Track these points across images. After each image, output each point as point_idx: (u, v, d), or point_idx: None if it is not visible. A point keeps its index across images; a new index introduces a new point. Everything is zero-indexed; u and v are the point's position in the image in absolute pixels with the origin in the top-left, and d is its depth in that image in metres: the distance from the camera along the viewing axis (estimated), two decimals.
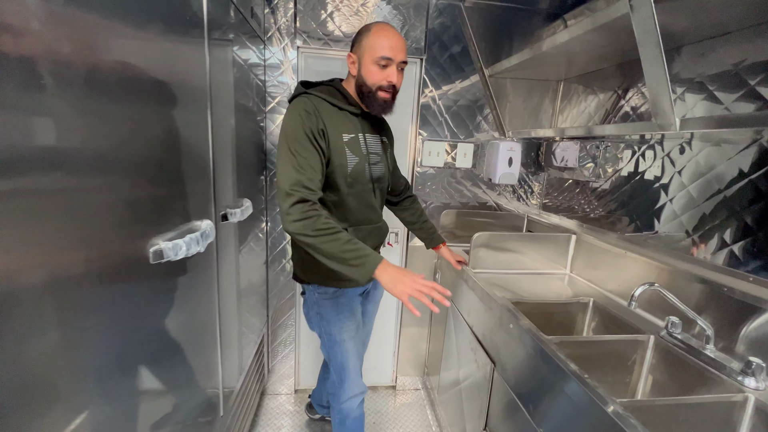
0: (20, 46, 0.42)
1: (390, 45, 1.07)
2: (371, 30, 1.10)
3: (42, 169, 0.46)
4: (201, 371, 1.02)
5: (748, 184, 0.96)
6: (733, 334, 0.93)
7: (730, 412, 0.80)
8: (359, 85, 1.13)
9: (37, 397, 0.47)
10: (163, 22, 0.75)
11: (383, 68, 1.08)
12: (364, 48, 1.10)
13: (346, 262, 0.98)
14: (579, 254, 1.56)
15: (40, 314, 0.47)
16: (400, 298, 0.95)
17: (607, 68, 1.51)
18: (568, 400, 0.83)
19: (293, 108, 1.08)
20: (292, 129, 1.04)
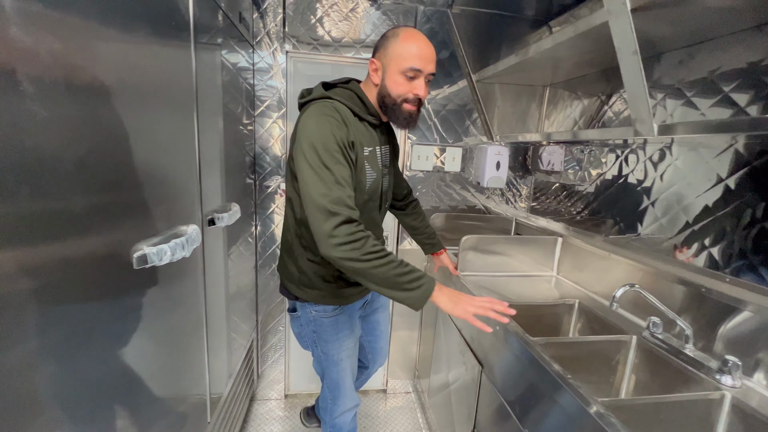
0: (2, 50, 0.42)
1: (420, 54, 0.96)
2: (399, 36, 0.98)
3: (25, 174, 0.46)
4: (187, 377, 1.02)
5: (724, 188, 0.99)
6: (711, 333, 0.96)
7: (708, 410, 0.82)
8: (382, 95, 1.02)
9: (15, 407, 0.46)
10: (149, 25, 0.75)
11: (410, 80, 0.98)
12: (390, 55, 0.98)
13: (400, 287, 0.90)
14: (565, 257, 1.59)
15: (19, 321, 0.46)
16: (464, 317, 0.91)
17: (591, 74, 1.54)
18: (552, 402, 0.84)
19: (318, 113, 0.96)
20: (323, 138, 0.92)
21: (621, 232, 1.34)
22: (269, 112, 1.74)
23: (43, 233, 0.50)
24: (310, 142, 0.91)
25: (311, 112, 0.97)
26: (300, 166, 0.92)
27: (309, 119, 0.96)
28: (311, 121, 0.95)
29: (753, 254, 0.91)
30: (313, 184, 0.89)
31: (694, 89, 1.08)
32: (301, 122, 0.99)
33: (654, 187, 1.21)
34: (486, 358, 1.18)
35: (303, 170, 0.92)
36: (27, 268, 0.47)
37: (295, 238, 1.11)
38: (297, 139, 0.97)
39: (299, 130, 0.97)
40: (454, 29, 1.74)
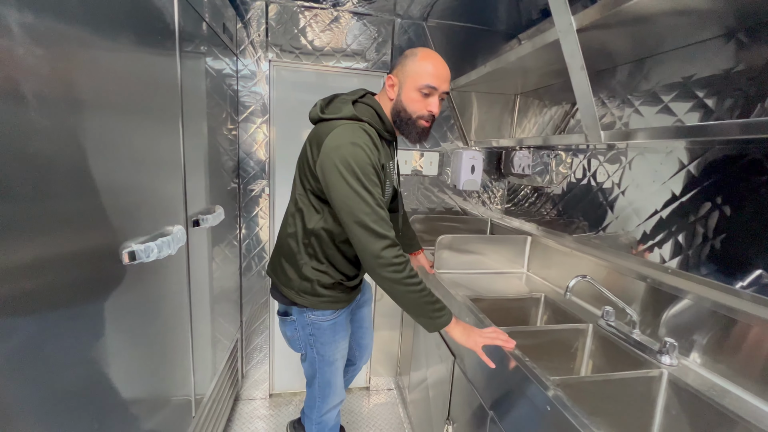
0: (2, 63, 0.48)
1: (436, 73, 1.02)
2: (417, 55, 1.04)
3: (19, 177, 0.51)
4: (172, 375, 1.06)
5: (668, 191, 1.10)
6: (655, 319, 1.06)
7: (648, 386, 0.92)
8: (397, 110, 1.07)
9: (12, 403, 0.51)
10: (137, 35, 0.81)
11: (425, 96, 1.03)
12: (407, 73, 1.03)
13: (425, 314, 1.01)
14: (534, 254, 1.69)
15: (16, 315, 0.52)
16: (473, 348, 1.01)
17: (556, 84, 1.66)
18: (512, 382, 0.92)
19: (353, 135, 0.99)
20: (360, 162, 0.96)
21: (584, 230, 1.44)
22: (253, 117, 1.79)
23: (38, 232, 0.55)
24: (348, 165, 0.95)
25: (344, 135, 0.99)
26: (337, 186, 0.96)
27: (343, 141, 0.98)
28: (346, 144, 0.97)
29: (691, 249, 1.02)
30: (357, 206, 0.95)
31: (641, 99, 1.19)
32: (333, 142, 0.98)
33: (610, 190, 1.32)
34: (458, 350, 1.26)
35: (341, 191, 0.96)
36: (24, 264, 0.53)
37: (302, 246, 1.13)
38: (328, 158, 0.97)
39: (331, 151, 0.97)
40: (429, 41, 1.84)
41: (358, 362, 1.53)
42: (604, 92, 1.35)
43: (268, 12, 1.72)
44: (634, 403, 0.91)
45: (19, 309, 0.51)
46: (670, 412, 0.90)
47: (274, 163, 1.86)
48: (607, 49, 1.14)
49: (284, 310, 1.23)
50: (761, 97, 0.88)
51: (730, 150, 0.95)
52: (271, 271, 1.25)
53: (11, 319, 0.50)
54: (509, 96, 1.97)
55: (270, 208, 1.89)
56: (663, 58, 1.12)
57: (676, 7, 0.82)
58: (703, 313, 0.96)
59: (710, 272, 0.98)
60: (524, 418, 0.87)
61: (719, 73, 0.97)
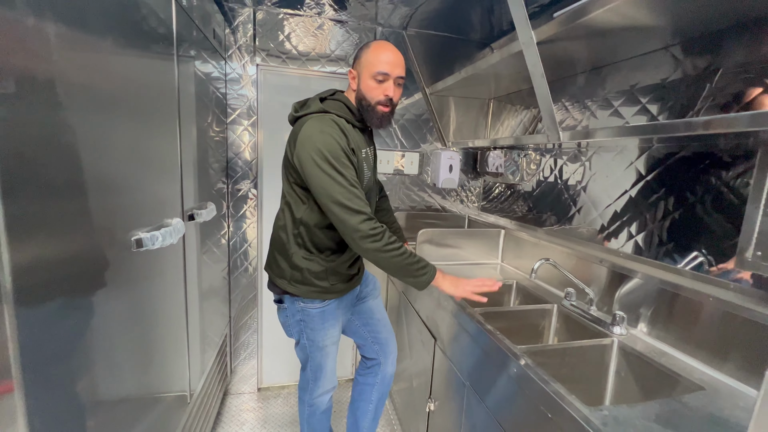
0: (12, 63, 0.55)
1: (387, 60, 1.11)
2: (370, 47, 1.14)
3: (48, 179, 0.59)
4: (169, 367, 1.11)
5: (619, 184, 1.25)
6: (610, 297, 1.20)
7: (602, 353, 1.05)
8: (359, 99, 1.17)
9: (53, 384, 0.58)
10: (143, 41, 0.88)
11: (380, 83, 1.12)
12: (363, 64, 1.14)
13: (410, 274, 1.11)
14: (508, 246, 1.82)
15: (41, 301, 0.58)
16: (465, 295, 1.12)
17: (525, 89, 1.80)
18: (485, 353, 1.03)
19: (320, 125, 1.09)
20: (329, 147, 1.05)
21: (551, 223, 1.58)
22: (240, 119, 1.86)
23: (60, 227, 0.62)
24: (319, 152, 1.04)
25: (313, 126, 1.09)
26: (312, 173, 1.05)
27: (312, 132, 1.08)
28: (315, 133, 1.07)
29: (641, 236, 1.17)
30: (331, 187, 1.04)
31: (597, 104, 1.34)
32: (305, 134, 1.08)
33: (573, 186, 1.46)
34: (438, 332, 1.37)
35: (317, 176, 1.05)
36: (49, 256, 0.60)
37: (291, 236, 1.20)
38: (302, 149, 1.07)
39: (304, 142, 1.07)
40: (409, 48, 1.96)
41: (385, 359, 1.46)
42: (566, 97, 1.50)
43: (256, 18, 1.79)
44: (590, 367, 1.04)
45: (47, 296, 0.58)
46: (620, 373, 1.03)
47: (262, 163, 1.93)
48: (567, 58, 1.29)
49: (278, 299, 1.31)
50: (693, 102, 1.03)
51: (669, 148, 1.10)
52: (267, 266, 1.32)
53: (42, 306, 0.57)
54: (483, 100, 2.11)
55: (258, 207, 1.96)
56: (615, 68, 1.28)
57: (622, 23, 0.96)
58: (651, 290, 1.10)
59: (657, 255, 1.12)
60: (495, 383, 0.98)
61: (658, 81, 1.12)
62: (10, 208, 0.50)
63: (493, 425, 0.97)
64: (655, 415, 0.72)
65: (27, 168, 0.53)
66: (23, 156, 0.52)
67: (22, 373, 0.52)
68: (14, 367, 0.51)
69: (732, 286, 0.91)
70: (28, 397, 0.53)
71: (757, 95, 0.88)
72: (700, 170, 1.01)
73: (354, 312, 1.43)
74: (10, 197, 0.50)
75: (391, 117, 1.20)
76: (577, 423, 0.70)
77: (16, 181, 0.51)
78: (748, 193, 0.87)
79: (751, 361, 0.84)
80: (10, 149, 0.50)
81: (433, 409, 1.37)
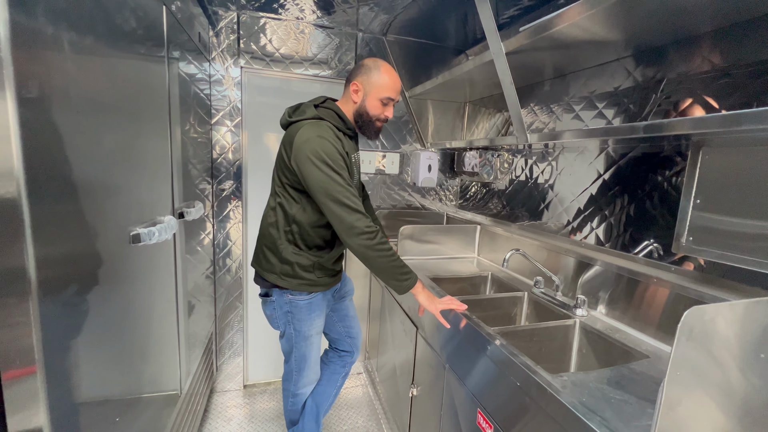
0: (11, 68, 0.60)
1: (395, 88, 1.24)
2: (381, 69, 1.23)
3: (60, 177, 0.63)
4: (161, 364, 1.15)
5: (580, 182, 1.38)
6: (574, 283, 1.33)
7: (566, 332, 1.17)
8: (360, 113, 1.26)
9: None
10: (138, 45, 0.92)
11: (385, 105, 1.25)
12: (372, 84, 1.22)
13: (394, 277, 1.18)
14: (483, 241, 1.94)
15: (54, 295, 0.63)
16: (433, 312, 1.20)
17: (498, 94, 1.93)
18: (462, 336, 1.13)
19: (318, 130, 1.17)
20: (326, 150, 1.13)
21: (523, 219, 1.71)
22: (225, 120, 1.89)
23: (65, 225, 0.67)
24: (318, 154, 1.12)
25: (310, 131, 1.17)
26: (311, 173, 1.13)
27: (310, 135, 1.15)
28: (313, 137, 1.15)
29: (601, 227, 1.30)
30: (330, 186, 1.12)
31: (561, 108, 1.47)
32: (302, 138, 1.16)
33: (542, 184, 1.59)
34: (420, 321, 1.46)
35: (315, 176, 1.12)
36: (58, 254, 0.64)
37: (283, 233, 1.28)
38: (300, 151, 1.14)
39: (302, 145, 1.15)
40: (389, 53, 2.05)
41: (355, 350, 1.63)
42: (534, 102, 1.63)
43: (240, 22, 1.83)
44: (556, 344, 1.16)
45: (58, 291, 0.63)
46: (582, 350, 1.15)
47: (246, 164, 1.97)
48: (535, 66, 1.41)
49: (265, 292, 1.37)
50: (643, 108, 1.17)
51: (622, 149, 1.23)
52: (255, 262, 1.38)
53: (52, 299, 0.62)
54: (460, 103, 2.23)
55: (243, 207, 1.99)
56: (576, 76, 1.41)
57: (581, 37, 1.08)
58: (609, 276, 1.23)
59: (615, 245, 1.25)
60: (472, 362, 1.08)
61: (612, 89, 1.25)
62: (35, 209, 0.54)
63: (471, 400, 1.06)
64: (607, 380, 0.84)
65: (51, 167, 0.58)
66: (50, 156, 0.57)
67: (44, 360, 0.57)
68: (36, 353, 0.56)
69: (673, 269, 1.04)
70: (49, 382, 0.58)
71: (692, 102, 1.01)
72: (647, 169, 1.15)
73: (334, 309, 1.54)
74: (33, 197, 0.54)
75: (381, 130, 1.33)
76: (541, 387, 0.80)
77: (38, 182, 0.55)
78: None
79: None
80: (32, 150, 0.55)
81: (416, 393, 1.46)
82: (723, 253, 0.89)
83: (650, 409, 0.73)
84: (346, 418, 1.92)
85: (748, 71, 0.90)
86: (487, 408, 0.99)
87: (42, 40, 0.57)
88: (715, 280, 0.95)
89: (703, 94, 0.98)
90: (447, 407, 1.21)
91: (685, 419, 0.57)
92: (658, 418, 0.55)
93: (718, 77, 0.95)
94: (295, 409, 1.50)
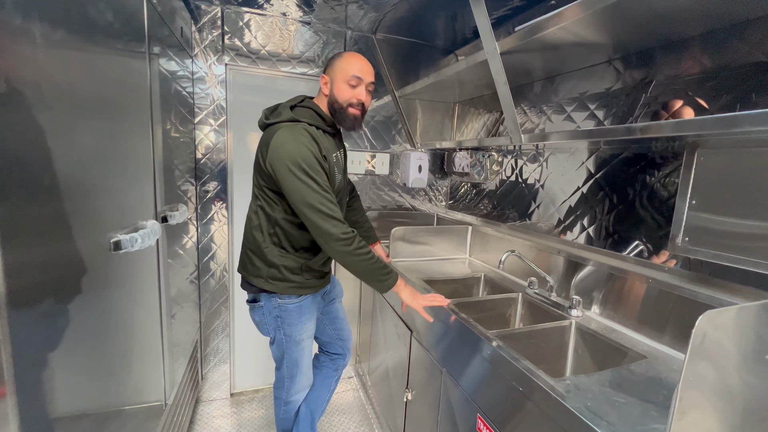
0: None
1: (360, 67, 1.19)
2: (343, 55, 1.22)
3: (22, 183, 0.58)
4: (144, 375, 1.09)
5: (572, 182, 1.39)
6: (567, 283, 1.33)
7: (561, 333, 1.17)
8: (331, 102, 1.22)
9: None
10: (117, 40, 0.86)
11: (353, 87, 1.19)
12: (336, 69, 1.20)
13: (375, 278, 1.17)
14: (475, 242, 1.94)
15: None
16: (416, 308, 1.20)
17: (488, 94, 1.93)
18: (460, 340, 1.11)
19: (293, 134, 1.13)
20: (302, 154, 1.10)
21: (514, 219, 1.71)
22: (208, 119, 1.82)
23: (37, 231, 0.61)
24: (293, 160, 1.09)
25: (285, 135, 1.13)
26: (286, 180, 1.10)
27: (285, 140, 1.12)
28: (288, 142, 1.12)
29: (592, 228, 1.30)
30: (306, 193, 1.09)
31: (552, 109, 1.48)
32: (277, 142, 1.13)
33: (532, 184, 1.60)
34: (414, 324, 1.44)
35: (291, 183, 1.10)
36: (29, 261, 0.59)
37: (267, 235, 1.24)
38: (276, 157, 1.11)
39: (278, 149, 1.12)
40: (378, 52, 2.02)
41: (347, 352, 1.60)
42: (524, 103, 1.63)
43: (224, 17, 1.77)
44: (552, 346, 1.16)
45: (30, 301, 0.57)
46: (578, 350, 1.15)
47: (232, 164, 1.90)
48: (526, 67, 1.41)
49: (253, 297, 1.32)
50: (632, 109, 1.18)
51: (613, 150, 1.24)
52: (241, 267, 1.33)
53: (24, 311, 0.56)
54: (449, 104, 2.22)
55: (228, 209, 1.92)
56: (567, 77, 1.42)
57: (572, 39, 1.08)
58: (601, 276, 1.24)
59: (606, 244, 1.26)
60: (470, 366, 1.06)
61: (603, 91, 1.26)
62: (2, 212, 0.49)
63: (470, 405, 1.05)
64: (608, 382, 0.83)
65: (21, 168, 0.52)
66: (20, 156, 0.52)
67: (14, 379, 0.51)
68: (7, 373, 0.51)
69: (666, 269, 1.05)
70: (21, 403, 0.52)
71: (681, 105, 1.03)
72: (638, 170, 1.16)
73: (323, 312, 1.50)
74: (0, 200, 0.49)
75: (362, 120, 1.26)
76: (545, 392, 0.79)
77: (7, 183, 0.50)
78: (677, 189, 1.02)
79: (683, 331, 0.98)
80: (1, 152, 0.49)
81: (410, 398, 1.44)
82: (718, 253, 0.90)
83: (654, 411, 0.73)
84: (337, 424, 1.88)
85: (734, 74, 0.91)
86: (486, 413, 0.98)
87: (9, 31, 0.52)
88: (707, 280, 0.96)
89: (692, 95, 1.00)
90: (444, 412, 1.19)
91: (697, 423, 0.56)
92: (671, 423, 0.54)
93: (706, 79, 0.97)
94: (287, 417, 1.45)
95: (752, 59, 0.88)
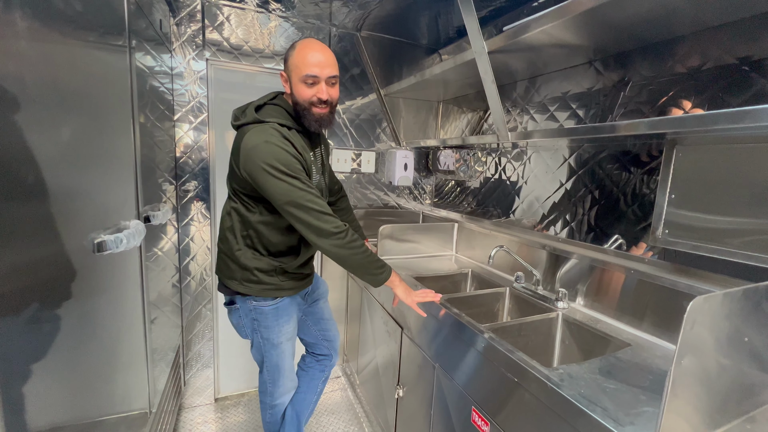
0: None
1: (315, 62, 1.07)
2: (296, 48, 1.10)
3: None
4: (128, 382, 1.04)
5: (557, 181, 1.43)
6: (552, 276, 1.38)
7: (549, 324, 1.21)
8: (294, 102, 1.13)
9: None
10: (96, 32, 0.82)
11: (312, 86, 1.09)
12: (291, 67, 1.10)
13: (369, 272, 1.15)
14: (461, 238, 1.97)
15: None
16: (410, 305, 1.18)
17: (472, 93, 1.96)
18: (452, 335, 1.13)
19: (263, 135, 1.06)
20: (276, 154, 1.03)
21: (499, 216, 1.75)
22: (188, 116, 1.76)
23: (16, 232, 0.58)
24: (268, 162, 1.03)
25: (255, 137, 1.06)
26: (267, 182, 1.04)
27: (257, 142, 1.05)
28: (260, 144, 1.04)
29: (574, 222, 1.35)
30: (290, 192, 1.04)
31: (535, 108, 1.52)
32: (248, 146, 1.06)
33: (516, 182, 1.64)
34: (405, 321, 1.45)
35: (272, 184, 1.03)
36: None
37: (240, 237, 1.19)
38: (249, 161, 1.05)
39: (250, 153, 1.05)
40: (363, 50, 2.01)
41: (333, 353, 1.56)
42: (508, 102, 1.67)
43: (204, 10, 1.71)
44: (540, 337, 1.19)
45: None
46: (565, 341, 1.20)
47: (214, 164, 1.85)
48: (509, 68, 1.44)
49: (230, 300, 1.28)
50: (611, 108, 1.23)
51: (594, 147, 1.29)
52: (217, 270, 1.29)
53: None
54: (433, 102, 2.24)
55: (210, 209, 1.87)
56: (549, 77, 1.46)
57: (554, 42, 1.12)
58: (584, 268, 1.28)
59: (587, 238, 1.31)
60: (463, 360, 1.08)
61: (584, 90, 1.31)
62: None
63: (464, 398, 1.06)
64: (598, 369, 0.87)
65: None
66: None
67: None
68: None
69: (646, 260, 1.11)
70: None
71: (662, 102, 1.08)
72: (618, 167, 1.21)
73: (307, 312, 1.46)
74: None
75: (332, 117, 1.17)
76: (540, 382, 0.81)
77: None
78: (656, 185, 1.07)
79: (663, 318, 1.04)
80: None
81: (402, 394, 1.44)
82: (696, 244, 0.96)
83: (643, 396, 0.77)
84: (326, 424, 1.86)
85: (710, 75, 0.97)
86: (481, 405, 1.00)
87: None
88: (684, 269, 1.01)
89: (669, 95, 1.05)
90: (438, 407, 1.20)
91: (687, 402, 0.60)
92: (665, 405, 0.57)
93: (680, 80, 1.02)
94: (274, 420, 1.42)
95: (723, 62, 0.94)
